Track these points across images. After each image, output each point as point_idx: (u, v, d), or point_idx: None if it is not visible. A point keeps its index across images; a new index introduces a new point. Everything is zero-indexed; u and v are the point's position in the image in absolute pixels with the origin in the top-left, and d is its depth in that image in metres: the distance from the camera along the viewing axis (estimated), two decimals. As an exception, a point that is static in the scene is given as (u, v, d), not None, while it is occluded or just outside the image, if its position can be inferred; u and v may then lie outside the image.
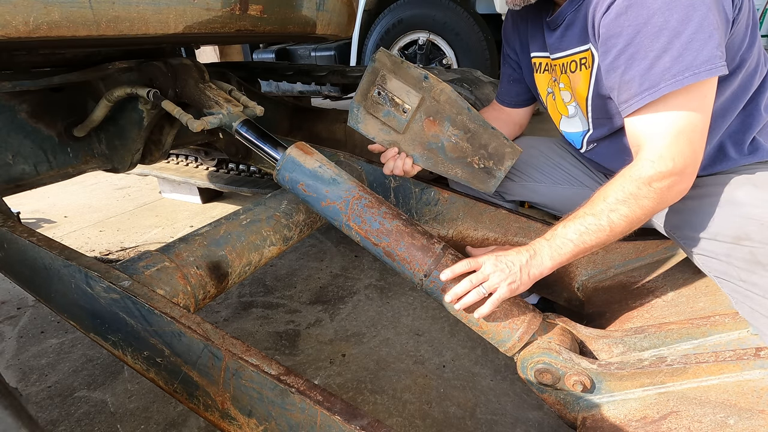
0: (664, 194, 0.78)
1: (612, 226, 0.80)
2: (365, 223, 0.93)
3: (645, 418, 0.77)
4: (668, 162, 0.76)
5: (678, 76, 0.72)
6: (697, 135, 0.76)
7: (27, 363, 1.34)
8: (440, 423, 1.08)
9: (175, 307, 0.73)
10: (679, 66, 0.72)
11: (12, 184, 1.20)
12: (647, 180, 0.77)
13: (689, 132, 0.75)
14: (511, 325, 0.87)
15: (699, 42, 0.70)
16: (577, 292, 1.19)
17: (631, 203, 0.79)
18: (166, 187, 2.66)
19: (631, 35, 0.75)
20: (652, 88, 0.75)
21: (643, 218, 0.81)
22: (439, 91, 1.04)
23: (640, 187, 0.78)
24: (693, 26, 0.70)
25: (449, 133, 1.08)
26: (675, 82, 0.72)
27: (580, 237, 0.82)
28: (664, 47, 0.72)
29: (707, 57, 0.70)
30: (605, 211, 0.80)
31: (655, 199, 0.78)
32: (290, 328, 1.46)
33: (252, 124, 1.11)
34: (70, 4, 0.80)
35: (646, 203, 0.79)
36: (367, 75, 1.05)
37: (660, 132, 0.77)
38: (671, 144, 0.76)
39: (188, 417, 1.12)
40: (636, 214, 0.80)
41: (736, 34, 0.79)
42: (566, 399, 0.85)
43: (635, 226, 0.83)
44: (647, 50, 0.74)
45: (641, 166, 0.78)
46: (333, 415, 0.59)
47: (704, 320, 0.84)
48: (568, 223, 0.84)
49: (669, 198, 0.80)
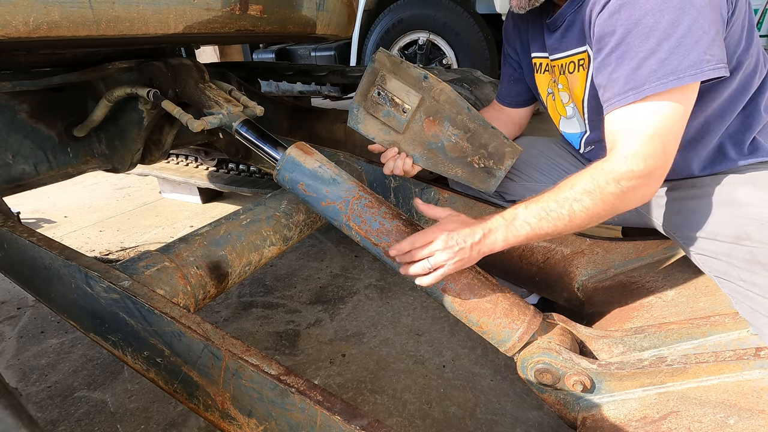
0: (628, 194, 0.78)
1: (572, 216, 0.80)
2: (365, 223, 0.93)
3: (645, 418, 0.77)
4: (640, 161, 0.75)
5: (663, 78, 0.72)
6: (672, 139, 0.76)
7: (27, 363, 1.34)
8: (440, 423, 1.08)
9: (175, 307, 0.73)
10: (664, 69, 0.72)
11: (12, 184, 1.20)
12: (617, 176, 0.77)
13: (664, 135, 0.75)
14: (511, 325, 0.87)
15: (686, 46, 0.70)
16: (577, 292, 1.19)
17: (595, 196, 0.78)
18: (166, 187, 2.67)
19: (622, 35, 0.75)
20: (636, 88, 0.75)
21: (603, 215, 0.81)
22: (438, 91, 1.04)
23: (609, 182, 0.77)
24: (682, 29, 0.70)
25: (449, 133, 1.08)
26: (659, 85, 0.72)
27: (538, 222, 0.82)
28: (653, 49, 0.72)
29: (693, 61, 0.71)
30: (569, 200, 0.80)
31: (619, 197, 0.78)
32: (290, 328, 1.46)
33: (252, 124, 1.10)
34: (70, 4, 0.80)
35: (609, 200, 0.78)
36: (366, 75, 1.05)
37: (637, 131, 0.77)
38: (646, 144, 0.75)
39: (188, 417, 1.12)
40: (598, 208, 0.79)
41: (732, 36, 0.79)
42: (566, 399, 0.85)
43: (593, 222, 0.82)
44: (637, 50, 0.74)
45: (614, 161, 0.78)
46: (333, 415, 0.59)
47: (704, 320, 0.84)
48: (530, 206, 0.83)
49: (632, 200, 0.79)
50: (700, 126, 0.89)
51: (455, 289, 0.89)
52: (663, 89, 0.72)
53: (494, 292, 0.89)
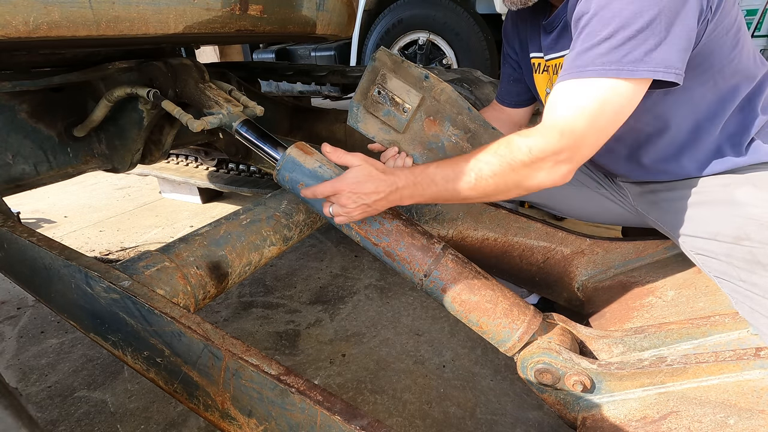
0: (538, 167, 0.76)
1: (479, 178, 0.79)
2: (365, 223, 0.93)
3: (645, 418, 0.77)
4: (556, 135, 0.74)
5: (606, 65, 0.71)
6: (599, 126, 0.74)
7: (27, 363, 1.34)
8: (440, 423, 1.08)
9: (175, 307, 0.73)
10: (611, 56, 0.71)
11: (12, 184, 1.20)
12: (530, 144, 0.75)
13: (591, 119, 0.74)
14: (511, 325, 0.87)
15: (636, 41, 0.69)
16: (577, 292, 1.19)
17: (504, 161, 0.77)
18: (166, 187, 2.66)
19: (590, 17, 0.75)
20: (580, 68, 0.74)
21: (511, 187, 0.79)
22: (439, 91, 1.04)
23: (521, 149, 0.76)
24: (640, 23, 0.69)
25: (449, 133, 1.08)
26: (600, 70, 0.72)
27: (445, 183, 0.81)
28: (609, 34, 0.71)
29: (636, 58, 0.70)
30: (479, 162, 0.79)
31: (528, 167, 0.76)
32: (290, 328, 1.46)
33: (252, 124, 1.10)
34: (70, 4, 0.80)
35: (518, 168, 0.77)
36: (367, 74, 1.04)
37: (564, 106, 0.75)
38: (568, 121, 0.74)
39: (188, 417, 1.12)
40: (505, 175, 0.78)
41: (716, 39, 0.78)
42: (566, 399, 0.85)
43: (500, 193, 0.81)
44: (596, 33, 0.73)
45: (533, 130, 0.77)
46: (333, 415, 0.59)
47: (704, 320, 0.84)
48: (442, 165, 0.82)
49: (541, 176, 0.77)
50: (692, 128, 0.88)
51: (455, 289, 0.89)
52: (602, 75, 0.72)
53: (494, 292, 0.89)
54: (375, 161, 0.88)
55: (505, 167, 0.77)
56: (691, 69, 0.80)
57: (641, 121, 0.90)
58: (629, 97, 0.73)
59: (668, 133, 0.90)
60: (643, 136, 0.93)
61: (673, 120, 0.88)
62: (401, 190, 0.83)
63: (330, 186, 0.85)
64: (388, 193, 0.83)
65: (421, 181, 0.83)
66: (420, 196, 0.83)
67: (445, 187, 0.81)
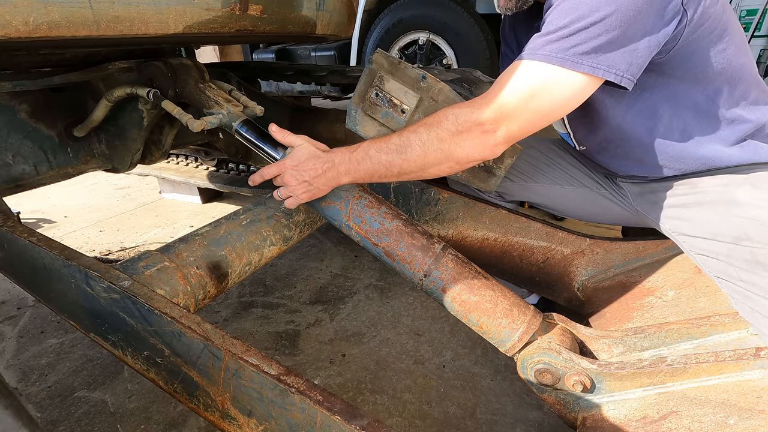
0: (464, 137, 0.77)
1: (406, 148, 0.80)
2: (365, 223, 0.93)
3: (645, 418, 0.77)
4: (486, 109, 0.75)
5: (553, 53, 0.72)
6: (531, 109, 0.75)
7: (27, 363, 1.34)
8: (440, 423, 1.08)
9: (175, 307, 0.73)
10: (559, 45, 0.72)
11: (12, 184, 1.20)
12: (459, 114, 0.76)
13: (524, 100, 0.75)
14: (511, 325, 0.87)
15: (586, 33, 0.70)
16: (577, 292, 1.19)
17: (432, 131, 0.78)
18: (166, 187, 2.66)
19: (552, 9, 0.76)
20: (530, 50, 0.75)
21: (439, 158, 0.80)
22: (437, 91, 1.04)
23: (449, 118, 0.77)
24: (595, 17, 0.69)
25: (449, 133, 1.08)
26: (545, 56, 0.73)
27: (378, 156, 0.82)
28: (564, 25, 0.72)
29: (581, 51, 0.70)
30: (410, 132, 0.80)
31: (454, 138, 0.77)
32: (290, 328, 1.46)
33: (252, 124, 1.10)
34: (70, 4, 0.80)
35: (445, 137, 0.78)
36: (364, 76, 1.05)
37: (502, 83, 0.76)
38: (503, 96, 0.75)
39: (188, 417, 1.12)
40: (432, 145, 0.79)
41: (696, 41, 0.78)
42: (566, 399, 0.85)
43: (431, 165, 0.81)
44: (552, 23, 0.74)
45: (470, 103, 0.78)
46: (333, 415, 0.59)
47: (704, 320, 0.84)
48: (378, 139, 0.84)
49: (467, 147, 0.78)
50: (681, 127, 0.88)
51: (455, 289, 0.89)
52: (547, 61, 0.73)
53: (494, 292, 0.89)
54: (317, 142, 0.91)
55: (433, 137, 0.78)
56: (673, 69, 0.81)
57: (625, 119, 0.90)
58: (570, 88, 0.74)
59: (657, 130, 0.90)
60: (632, 135, 0.93)
61: (659, 119, 0.88)
62: (337, 166, 0.85)
63: (275, 166, 0.89)
64: (326, 170, 0.85)
65: (356, 156, 0.84)
66: (356, 172, 0.85)
67: (378, 160, 0.82)
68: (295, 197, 0.90)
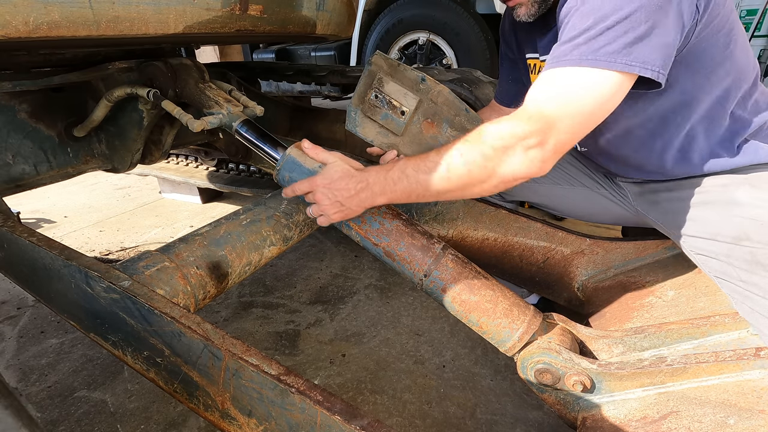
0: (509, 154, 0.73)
1: (450, 169, 0.76)
2: (365, 223, 0.93)
3: (645, 418, 0.77)
4: (527, 121, 0.72)
5: (583, 56, 0.71)
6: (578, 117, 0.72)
7: (27, 363, 1.34)
8: (440, 423, 1.08)
9: (175, 307, 0.73)
10: (588, 47, 0.71)
11: (12, 184, 1.20)
12: (501, 130, 0.73)
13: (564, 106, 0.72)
14: (511, 325, 0.87)
15: (614, 33, 0.69)
16: (577, 292, 1.19)
17: (476, 149, 0.74)
18: (166, 187, 2.66)
19: (573, 12, 0.75)
20: (558, 58, 0.74)
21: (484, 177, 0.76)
22: (436, 93, 1.04)
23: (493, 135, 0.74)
24: (618, 16, 0.68)
25: (448, 134, 1.08)
26: (576, 61, 0.71)
27: (416, 174, 0.78)
28: (589, 26, 0.71)
29: (613, 50, 0.69)
30: (451, 151, 0.75)
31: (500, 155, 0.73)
32: (290, 328, 1.46)
33: (252, 124, 1.10)
34: (70, 4, 0.80)
35: (490, 155, 0.74)
36: (363, 78, 1.05)
37: (538, 93, 0.74)
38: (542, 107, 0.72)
39: (188, 417, 1.12)
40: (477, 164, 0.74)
41: (706, 38, 0.78)
42: (566, 399, 0.85)
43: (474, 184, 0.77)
44: (576, 26, 0.73)
45: (505, 117, 0.75)
46: (333, 415, 0.59)
47: (704, 320, 0.84)
48: (415, 158, 0.80)
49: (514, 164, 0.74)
50: (688, 129, 0.88)
51: (455, 289, 0.89)
52: (577, 65, 0.71)
53: (494, 292, 0.89)
54: (351, 160, 0.87)
55: (477, 155, 0.75)
56: (684, 68, 0.80)
57: (635, 122, 0.90)
58: (608, 88, 0.72)
59: (664, 134, 0.90)
60: (639, 137, 0.93)
61: (669, 121, 0.88)
62: (372, 186, 0.81)
63: (307, 182, 0.85)
64: (359, 190, 0.81)
65: (392, 176, 0.81)
66: (392, 192, 0.81)
67: (416, 179, 0.78)
68: (327, 217, 0.86)
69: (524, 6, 0.90)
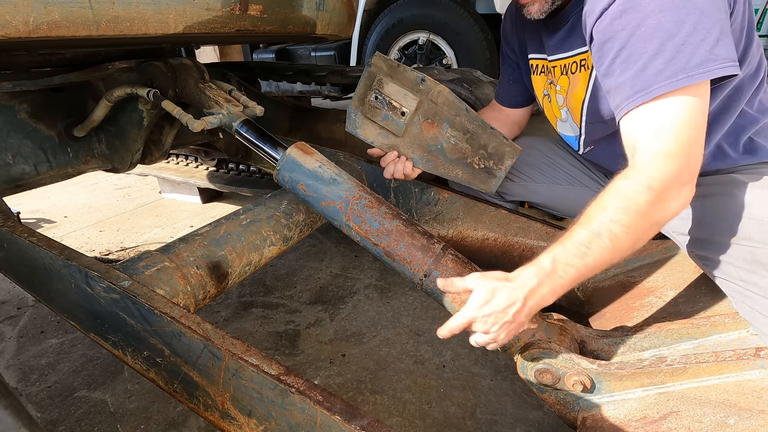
0: (665, 199, 0.72)
1: (615, 241, 0.72)
2: (365, 223, 0.93)
3: (645, 418, 0.77)
4: (666, 160, 0.71)
5: (671, 78, 0.70)
6: (696, 136, 0.72)
7: (27, 363, 1.34)
8: (440, 423, 1.08)
9: (175, 307, 0.73)
10: (672, 68, 0.70)
11: (12, 184, 1.20)
12: (647, 181, 0.71)
13: (687, 131, 0.72)
14: None
15: (692, 45, 0.69)
16: (577, 292, 1.19)
17: (631, 211, 0.71)
18: (166, 187, 2.66)
19: (625, 38, 0.74)
20: (643, 90, 0.73)
21: (647, 230, 0.74)
22: (436, 93, 1.04)
23: (640, 191, 0.71)
24: (687, 28, 0.69)
25: (448, 135, 1.08)
26: (668, 84, 0.70)
27: (581, 260, 0.73)
28: (657, 49, 0.71)
29: (700, 60, 0.69)
30: (605, 224, 0.72)
31: (656, 205, 0.71)
32: (290, 328, 1.46)
33: (252, 124, 1.10)
34: (70, 4, 0.80)
35: (647, 210, 0.71)
36: (363, 79, 1.05)
37: (657, 131, 0.73)
38: (668, 143, 0.71)
39: (188, 417, 1.12)
40: (638, 224, 0.71)
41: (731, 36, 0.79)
42: (566, 399, 0.85)
43: (639, 242, 0.74)
44: (641, 52, 0.72)
45: (639, 167, 0.73)
46: (333, 415, 0.59)
47: (704, 320, 0.84)
48: (566, 245, 0.74)
49: (671, 205, 0.73)
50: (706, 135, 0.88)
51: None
52: (673, 88, 0.70)
53: (494, 292, 0.89)
54: (492, 272, 0.79)
55: (636, 218, 0.71)
56: None
57: None
58: (706, 97, 0.72)
59: None
60: None
61: None
62: (538, 289, 0.74)
63: (463, 320, 0.77)
64: (525, 298, 0.74)
65: (556, 270, 0.73)
66: (561, 287, 0.74)
67: (584, 263, 0.73)
68: (497, 342, 0.79)
69: (537, 2, 0.90)
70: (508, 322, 0.75)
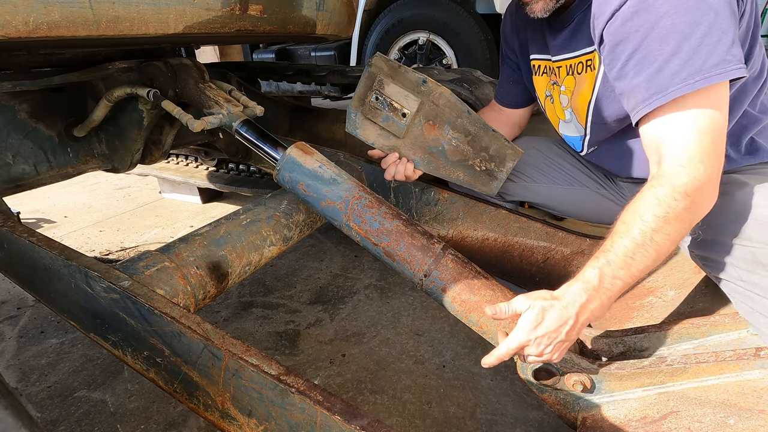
0: (699, 203, 0.72)
1: (658, 249, 0.72)
2: (365, 223, 0.93)
3: (645, 418, 0.77)
4: (699, 165, 0.70)
5: (688, 79, 0.69)
6: (719, 136, 0.72)
7: (27, 363, 1.34)
8: (440, 423, 1.08)
9: (175, 307, 0.73)
10: (689, 70, 0.69)
11: (12, 184, 1.20)
12: (683, 188, 0.70)
13: (712, 132, 0.71)
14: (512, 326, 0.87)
15: (709, 46, 0.68)
16: (577, 292, 1.19)
17: (671, 219, 0.70)
18: (166, 187, 2.66)
19: (638, 40, 0.73)
20: (660, 92, 0.72)
21: (683, 234, 0.74)
22: (438, 95, 1.03)
23: (677, 198, 0.70)
24: (702, 29, 0.68)
25: (449, 137, 1.08)
26: (685, 86, 0.70)
27: (627, 271, 0.73)
28: (673, 51, 0.70)
29: (717, 61, 0.69)
30: (647, 234, 0.71)
31: (692, 210, 0.72)
32: (290, 328, 1.46)
33: (252, 124, 1.10)
34: (70, 4, 0.80)
35: (685, 216, 0.71)
36: (363, 80, 1.04)
37: (684, 135, 0.72)
38: (698, 146, 0.71)
39: (188, 417, 1.12)
40: (677, 230, 0.72)
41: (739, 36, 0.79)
42: (566, 399, 0.85)
43: (675, 246, 0.74)
44: (656, 54, 0.72)
45: (673, 174, 0.71)
46: (333, 415, 0.59)
47: (704, 320, 0.84)
48: (609, 257, 0.73)
49: (703, 208, 0.74)
50: None
51: (455, 289, 0.89)
52: (690, 90, 0.70)
53: (494, 292, 0.89)
54: (536, 292, 0.78)
55: (676, 225, 0.71)
56: None
57: None
58: (725, 97, 0.72)
59: None
60: None
61: None
62: (588, 305, 0.73)
63: (514, 343, 0.75)
64: (577, 315, 0.73)
65: (603, 284, 0.73)
66: (609, 300, 0.74)
67: (629, 274, 0.73)
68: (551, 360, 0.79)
69: (542, 0, 0.89)
70: (561, 341, 0.74)
